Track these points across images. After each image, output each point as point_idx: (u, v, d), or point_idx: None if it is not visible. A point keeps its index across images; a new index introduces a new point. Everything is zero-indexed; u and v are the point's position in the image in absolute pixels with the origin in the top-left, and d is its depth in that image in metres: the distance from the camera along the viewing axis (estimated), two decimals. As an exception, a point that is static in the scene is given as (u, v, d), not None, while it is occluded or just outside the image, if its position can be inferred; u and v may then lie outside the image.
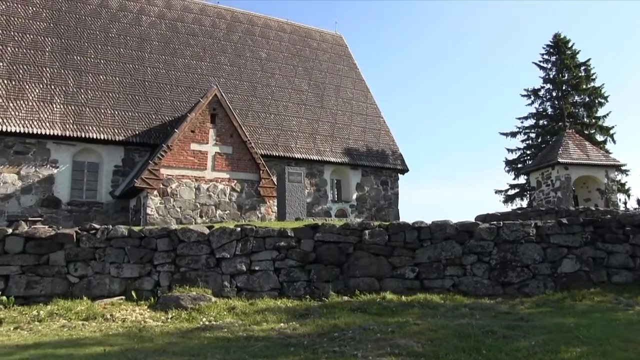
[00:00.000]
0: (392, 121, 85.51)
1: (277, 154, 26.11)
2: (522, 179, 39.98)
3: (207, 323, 8.77)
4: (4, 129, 20.77)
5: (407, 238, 11.08)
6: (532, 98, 41.28)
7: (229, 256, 10.66)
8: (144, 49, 27.58)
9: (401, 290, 10.61)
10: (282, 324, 8.47)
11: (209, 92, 22.34)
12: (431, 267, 10.90)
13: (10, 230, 10.48)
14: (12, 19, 24.88)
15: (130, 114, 23.98)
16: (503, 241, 11.04)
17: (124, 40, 27.35)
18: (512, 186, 41.24)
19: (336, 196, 28.66)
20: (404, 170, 30.46)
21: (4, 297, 9.71)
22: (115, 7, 28.90)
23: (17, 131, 21.02)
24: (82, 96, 23.54)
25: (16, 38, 24.15)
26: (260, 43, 32.41)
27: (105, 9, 28.41)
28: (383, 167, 29.64)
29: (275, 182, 21.58)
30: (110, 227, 10.83)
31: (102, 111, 23.41)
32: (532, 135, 41.06)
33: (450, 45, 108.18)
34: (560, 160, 26.80)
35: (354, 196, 28.69)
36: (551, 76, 40.51)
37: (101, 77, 24.85)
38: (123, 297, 10.21)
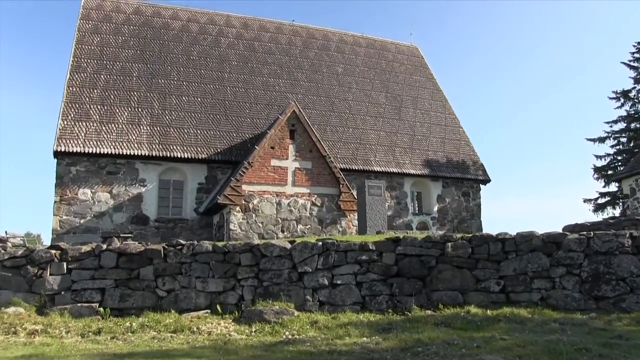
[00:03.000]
0: (472, 130, 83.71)
1: (356, 168, 26.11)
2: (613, 187, 38.00)
3: (290, 337, 8.84)
4: (98, 151, 21.99)
5: (491, 250, 10.79)
6: (622, 100, 39.10)
7: (310, 270, 10.74)
8: (224, 69, 28.45)
9: (486, 304, 10.32)
10: (364, 339, 8.43)
11: (287, 108, 22.68)
12: (517, 280, 10.55)
13: (104, 246, 11.06)
14: (104, 49, 26.56)
15: (212, 132, 24.73)
16: (594, 252, 10.50)
17: (204, 62, 28.35)
18: (602, 194, 39.24)
19: (417, 209, 28.30)
20: (486, 180, 29.72)
21: (101, 309, 10.29)
22: (195, 30, 30.07)
23: (109, 152, 22.20)
24: (167, 117, 24.55)
25: (108, 66, 25.72)
26: (336, 58, 32.68)
27: (186, 34, 29.63)
28: (464, 178, 29.04)
29: (356, 196, 21.57)
30: (196, 242, 11.17)
31: (186, 131, 24.28)
32: (623, 139, 38.95)
33: (531, 47, 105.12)
34: (656, 165, 25.29)
35: (435, 208, 28.26)
36: (643, 76, 38.33)
37: (184, 98, 25.83)
38: (208, 311, 10.48)
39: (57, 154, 21.83)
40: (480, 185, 29.82)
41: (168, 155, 23.06)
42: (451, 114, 32.56)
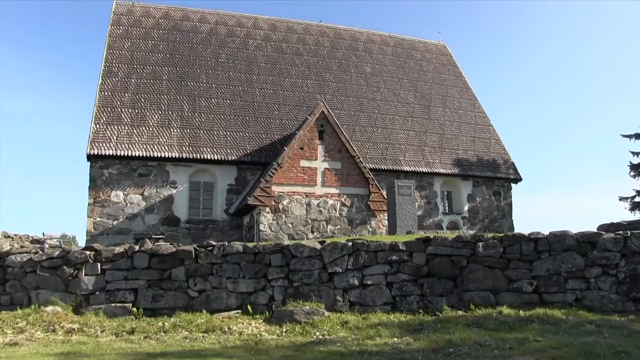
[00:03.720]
0: (502, 129, 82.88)
1: (385, 168, 26.03)
2: (652, 184, 37.14)
3: (320, 337, 8.84)
4: (130, 154, 22.35)
5: (523, 250, 10.61)
6: (659, 96, 38.21)
7: (341, 271, 10.72)
8: (252, 71, 28.64)
9: (518, 304, 10.15)
10: (395, 339, 8.39)
11: (315, 109, 22.72)
12: (550, 281, 10.35)
13: (137, 247, 11.25)
14: (135, 53, 27.01)
15: (241, 134, 24.91)
16: (632, 252, 10.19)
17: (233, 64, 28.59)
18: (639, 192, 38.42)
19: (447, 208, 28.09)
20: (517, 179, 29.34)
21: (134, 309, 10.46)
22: (223, 33, 30.35)
23: (140, 155, 22.53)
24: (197, 119, 24.81)
25: (138, 70, 26.14)
26: (364, 58, 32.63)
27: (215, 36, 29.93)
28: (495, 176, 28.71)
29: (385, 196, 21.51)
30: (226, 243, 11.25)
31: (215, 133, 24.51)
32: (660, 136, 38.05)
33: (564, 43, 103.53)
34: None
35: (466, 208, 28.01)
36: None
37: (213, 100, 26.08)
38: (239, 311, 10.55)
39: (90, 157, 22.25)
40: (512, 184, 29.45)
41: (198, 157, 23.30)
42: (481, 112, 32.24)
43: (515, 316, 9.47)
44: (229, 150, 23.98)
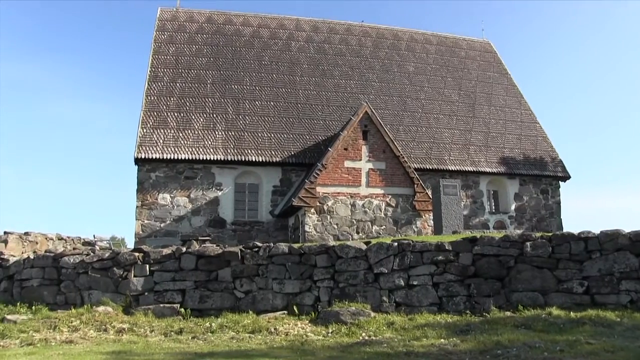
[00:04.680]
0: (550, 126, 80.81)
1: (430, 167, 25.76)
2: None
3: (366, 338, 8.81)
4: (176, 157, 22.72)
5: (572, 249, 10.37)
6: None
7: (386, 271, 10.67)
8: (295, 72, 28.76)
9: (569, 305, 9.91)
10: (442, 340, 8.30)
11: (359, 109, 22.64)
12: (602, 281, 10.05)
13: (184, 249, 11.42)
14: (179, 58, 27.50)
15: (285, 135, 25.03)
16: (690, 252, 9.83)
17: (276, 66, 28.76)
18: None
19: (493, 207, 27.63)
20: (565, 177, 28.61)
21: (182, 309, 10.63)
22: (266, 36, 30.57)
23: (186, 158, 22.88)
24: (241, 122, 25.04)
25: (183, 74, 26.58)
26: (407, 57, 32.39)
27: (258, 39, 30.18)
28: (542, 175, 28.07)
29: (430, 196, 21.30)
30: (272, 244, 11.32)
31: (260, 135, 24.69)
32: None
33: (612, 38, 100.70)
34: None
35: (513, 207, 27.49)
36: None
37: (257, 102, 26.28)
38: (285, 312, 10.60)
39: (137, 161, 22.71)
40: (560, 182, 28.76)
41: (243, 159, 23.51)
42: (527, 110, 31.59)
43: (566, 317, 9.25)
44: (273, 152, 24.12)
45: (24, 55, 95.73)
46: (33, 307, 11.03)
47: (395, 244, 10.88)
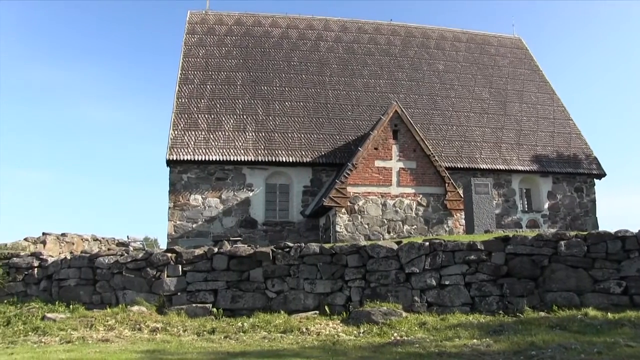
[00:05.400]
0: (584, 123, 79.20)
1: (461, 166, 25.54)
2: None
3: (398, 338, 8.78)
4: (207, 158, 22.94)
5: (609, 249, 10.13)
6: None
7: (418, 271, 10.62)
8: (324, 72, 28.78)
9: (606, 306, 9.68)
10: (474, 340, 8.22)
11: (389, 108, 22.55)
12: (642, 281, 9.81)
13: (216, 250, 11.54)
14: (209, 60, 27.76)
15: (315, 136, 25.06)
16: None
17: (305, 67, 28.83)
18: None
19: (526, 206, 27.23)
20: (601, 175, 28.05)
21: (214, 309, 10.74)
22: (295, 37, 30.67)
23: (217, 159, 23.08)
24: (271, 123, 25.16)
25: (213, 76, 26.84)
26: (436, 55, 32.15)
27: (286, 40, 30.29)
28: (576, 172, 27.57)
29: (462, 195, 21.12)
30: (303, 245, 11.36)
31: (290, 135, 24.77)
32: None
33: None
34: None
35: (546, 205, 27.06)
36: None
37: (287, 103, 26.38)
38: (317, 312, 10.62)
39: (169, 163, 22.98)
40: (595, 179, 28.22)
41: (273, 160, 23.62)
42: (560, 106, 31.08)
43: (603, 319, 9.05)
44: (303, 152, 24.18)
45: (56, 59, 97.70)
46: (70, 306, 11.37)
47: (427, 243, 10.82)
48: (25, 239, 15.20)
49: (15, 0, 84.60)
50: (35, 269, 12.59)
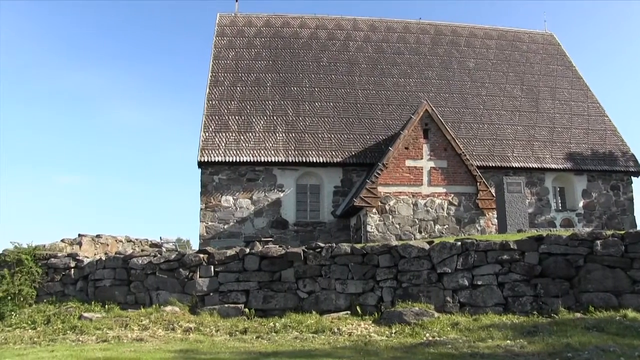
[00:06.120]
0: (619, 119, 77.62)
1: (493, 165, 25.24)
2: None
3: (430, 339, 8.73)
4: (238, 160, 23.09)
5: (648, 248, 9.89)
6: None
7: (450, 271, 10.54)
8: (354, 72, 28.73)
9: (646, 308, 9.44)
10: (508, 341, 8.12)
11: (419, 107, 22.42)
12: (685, 283, 9.53)
13: (248, 250, 11.62)
14: (239, 62, 27.97)
15: (345, 136, 25.03)
16: None
17: (334, 67, 28.81)
18: None
19: (560, 205, 26.77)
20: (638, 172, 27.44)
21: (246, 309, 10.82)
22: (324, 37, 30.67)
23: (248, 160, 23.22)
24: (301, 123, 25.22)
25: (243, 78, 27.02)
26: (466, 53, 31.84)
27: (315, 41, 30.31)
28: (612, 170, 27.00)
29: (494, 194, 20.88)
30: (334, 245, 11.37)
31: (320, 136, 24.79)
32: None
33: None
34: None
35: (580, 204, 26.56)
36: None
37: (316, 104, 26.40)
38: (348, 312, 10.62)
39: (201, 164, 23.20)
40: (632, 177, 27.62)
41: (304, 160, 23.65)
42: (594, 103, 30.48)
43: (643, 321, 8.82)
44: (334, 153, 24.17)
45: (88, 65, 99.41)
46: (106, 306, 11.65)
47: (459, 243, 10.73)
48: (62, 240, 15.49)
49: (47, 8, 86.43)
50: (72, 269, 12.90)
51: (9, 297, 12.20)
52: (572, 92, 30.87)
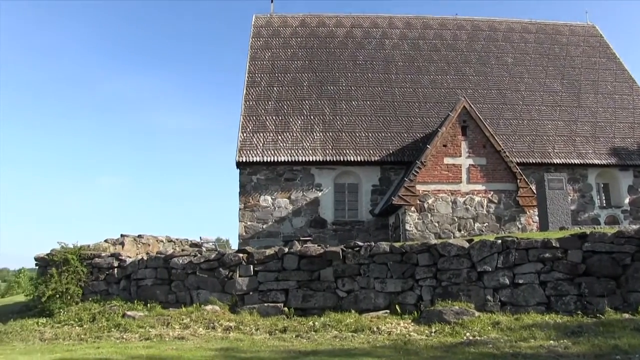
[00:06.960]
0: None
1: (533, 161, 24.78)
2: None
3: (470, 338, 8.65)
4: (276, 160, 23.23)
5: (703, 247, 9.59)
6: None
7: (490, 269, 10.41)
8: (390, 70, 28.59)
9: (700, 309, 9.14)
10: (551, 342, 7.98)
11: (457, 104, 22.17)
12: None
13: (286, 250, 11.69)
14: (275, 62, 28.14)
15: (383, 134, 24.93)
16: None
17: (370, 65, 28.73)
18: None
19: (604, 201, 26.11)
20: (687, 166, 26.56)
21: (286, 309, 10.89)
22: (359, 35, 30.61)
23: (286, 160, 23.32)
24: (338, 122, 25.21)
25: (280, 78, 27.16)
26: (504, 48, 31.35)
27: (351, 39, 30.28)
28: (660, 165, 26.21)
29: (535, 191, 20.51)
30: (373, 244, 11.35)
31: (357, 134, 24.74)
32: None
33: None
34: None
35: (626, 200, 25.86)
36: None
37: (353, 102, 26.36)
38: (387, 311, 10.59)
39: (239, 165, 23.39)
40: (681, 172, 26.74)
41: (341, 159, 23.64)
42: (640, 95, 29.65)
43: (697, 322, 8.54)
44: (371, 151, 24.10)
45: (128, 71, 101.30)
46: (148, 305, 11.90)
47: (499, 241, 10.59)
48: (106, 241, 15.83)
49: (84, 22, 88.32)
50: (115, 269, 13.18)
51: (57, 295, 12.63)
52: (616, 84, 30.10)
